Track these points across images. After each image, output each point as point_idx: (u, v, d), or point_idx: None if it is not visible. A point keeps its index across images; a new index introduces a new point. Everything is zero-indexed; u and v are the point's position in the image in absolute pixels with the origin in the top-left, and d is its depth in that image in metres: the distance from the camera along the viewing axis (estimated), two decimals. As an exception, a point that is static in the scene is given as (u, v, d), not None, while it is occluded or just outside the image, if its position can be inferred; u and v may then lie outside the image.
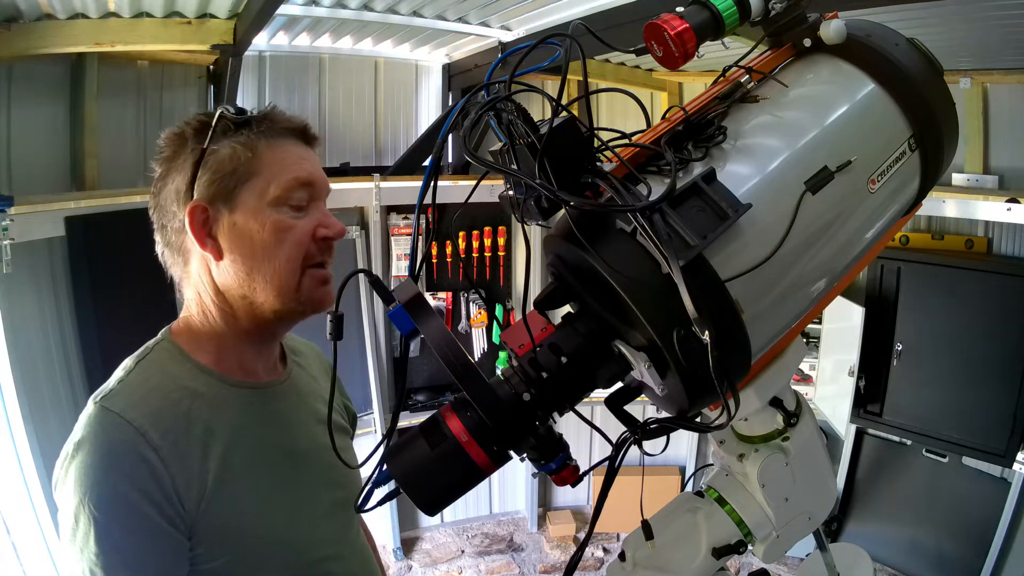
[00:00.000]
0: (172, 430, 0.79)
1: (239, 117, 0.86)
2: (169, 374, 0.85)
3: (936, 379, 3.05)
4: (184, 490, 0.77)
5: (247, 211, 0.85)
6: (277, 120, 0.90)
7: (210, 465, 0.80)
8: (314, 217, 0.89)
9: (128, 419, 0.76)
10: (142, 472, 0.75)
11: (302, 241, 0.87)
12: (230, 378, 0.89)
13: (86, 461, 0.74)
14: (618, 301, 0.64)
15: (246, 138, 0.86)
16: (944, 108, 0.78)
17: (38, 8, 2.29)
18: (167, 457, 0.76)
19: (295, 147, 0.90)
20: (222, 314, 0.89)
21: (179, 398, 0.82)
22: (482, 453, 0.67)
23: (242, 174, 0.85)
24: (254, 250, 0.85)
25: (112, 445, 0.75)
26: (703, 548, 0.83)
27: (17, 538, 2.31)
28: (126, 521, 0.74)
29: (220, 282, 0.88)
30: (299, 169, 0.88)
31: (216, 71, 3.08)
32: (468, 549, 3.91)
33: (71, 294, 2.50)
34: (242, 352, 0.91)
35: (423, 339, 0.64)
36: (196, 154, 0.85)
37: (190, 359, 0.88)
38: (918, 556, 3.20)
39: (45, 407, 2.37)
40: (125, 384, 0.83)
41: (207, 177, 0.85)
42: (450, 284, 3.74)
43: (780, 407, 0.83)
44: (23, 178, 2.50)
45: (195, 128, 0.87)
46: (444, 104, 3.90)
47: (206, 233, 0.86)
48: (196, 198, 0.85)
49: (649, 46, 0.73)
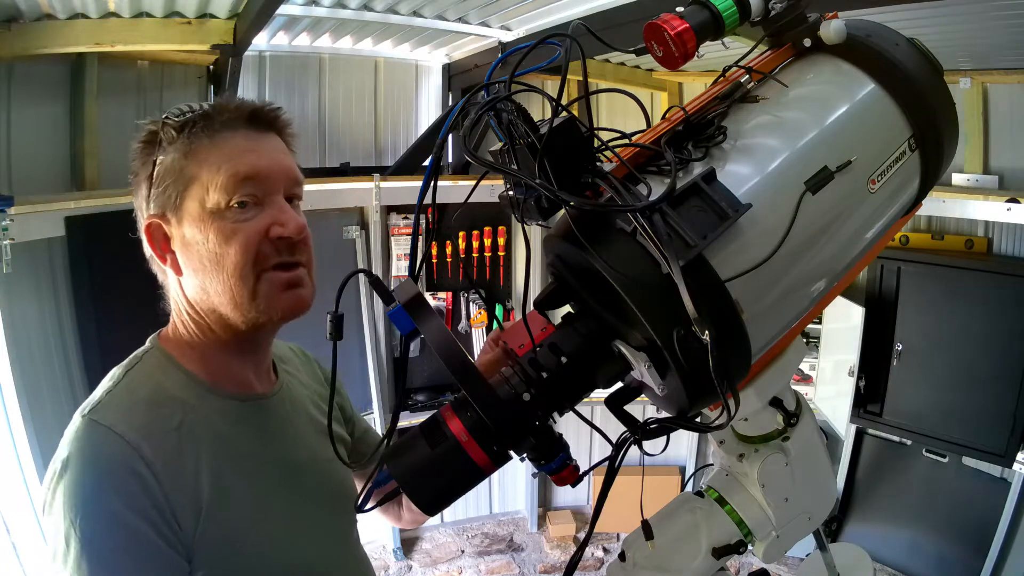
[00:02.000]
0: (164, 445, 0.74)
1: (178, 120, 0.80)
2: (159, 385, 0.80)
3: (936, 379, 3.05)
4: (180, 509, 0.72)
5: (191, 221, 0.79)
6: (219, 113, 0.81)
7: (203, 482, 0.75)
8: (267, 215, 0.81)
9: (119, 432, 0.72)
10: (135, 488, 0.70)
11: (249, 245, 0.79)
12: (221, 389, 0.84)
13: (75, 479, 0.69)
14: (618, 301, 0.63)
15: (186, 140, 0.80)
16: (944, 108, 0.78)
17: (38, 8, 2.29)
18: (160, 473, 0.71)
19: (239, 139, 0.81)
20: (198, 327, 0.85)
21: (171, 412, 0.78)
22: (482, 453, 0.67)
23: (183, 181, 0.79)
24: (203, 263, 0.80)
25: (103, 461, 0.70)
26: (703, 548, 0.83)
27: (17, 538, 2.31)
28: (120, 541, 0.69)
29: (188, 296, 0.83)
30: (238, 164, 0.79)
31: (216, 71, 3.08)
32: (468, 549, 3.91)
33: (71, 294, 2.50)
34: (229, 362, 0.86)
35: (423, 339, 0.64)
36: (148, 167, 0.82)
37: (180, 368, 0.83)
38: (918, 556, 3.20)
39: (45, 407, 2.37)
40: (114, 395, 0.78)
41: (155, 191, 0.81)
42: (450, 284, 3.74)
43: (780, 407, 0.83)
44: (23, 178, 2.50)
45: (145, 140, 0.83)
46: (444, 104, 3.90)
47: (166, 248, 0.82)
48: (151, 213, 0.82)
49: (649, 46, 0.73)
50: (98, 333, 2.51)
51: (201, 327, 0.84)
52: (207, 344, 0.85)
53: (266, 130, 0.85)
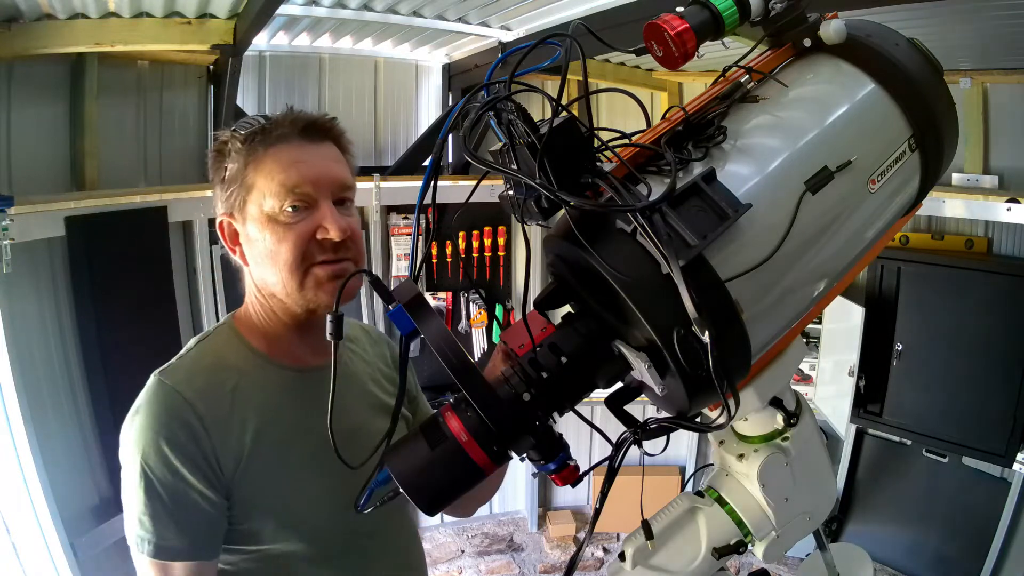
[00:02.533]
0: (217, 403, 0.89)
1: (243, 133, 0.92)
2: (222, 355, 0.96)
3: (936, 379, 3.05)
4: (223, 457, 0.88)
5: (252, 222, 0.93)
6: (276, 127, 0.93)
7: (246, 439, 0.90)
8: (315, 219, 0.91)
9: (179, 391, 0.88)
10: (185, 437, 0.85)
11: (298, 244, 0.91)
12: (277, 361, 0.98)
13: (141, 424, 0.86)
14: (618, 301, 0.63)
15: (248, 151, 0.92)
16: (944, 108, 0.78)
17: (38, 8, 2.29)
18: (210, 427, 0.87)
19: (293, 149, 0.92)
20: (263, 308, 0.98)
21: (227, 377, 0.93)
22: (482, 453, 0.67)
23: (245, 188, 0.92)
24: (261, 257, 0.93)
25: (163, 412, 0.86)
26: (703, 548, 0.83)
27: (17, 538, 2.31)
28: (170, 478, 0.85)
29: (255, 281, 0.97)
30: (288, 174, 0.90)
31: (216, 71, 3.08)
32: (468, 549, 3.91)
33: (71, 294, 2.50)
34: (287, 339, 0.99)
35: (423, 339, 0.64)
36: (221, 172, 0.95)
37: (244, 342, 0.98)
38: (918, 556, 3.20)
39: (45, 407, 2.37)
40: (183, 360, 0.94)
41: (224, 193, 0.95)
42: (450, 284, 3.74)
43: (780, 407, 0.83)
44: (23, 178, 2.50)
45: (217, 149, 0.96)
46: (444, 104, 3.90)
47: (234, 242, 0.97)
48: (223, 212, 0.96)
49: (649, 46, 0.73)
50: (98, 333, 2.51)
51: (266, 308, 0.98)
52: (270, 323, 0.98)
53: (321, 139, 0.96)
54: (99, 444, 2.53)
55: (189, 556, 0.86)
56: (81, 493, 2.48)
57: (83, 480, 2.50)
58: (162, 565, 0.86)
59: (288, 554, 0.92)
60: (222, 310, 3.05)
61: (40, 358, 2.40)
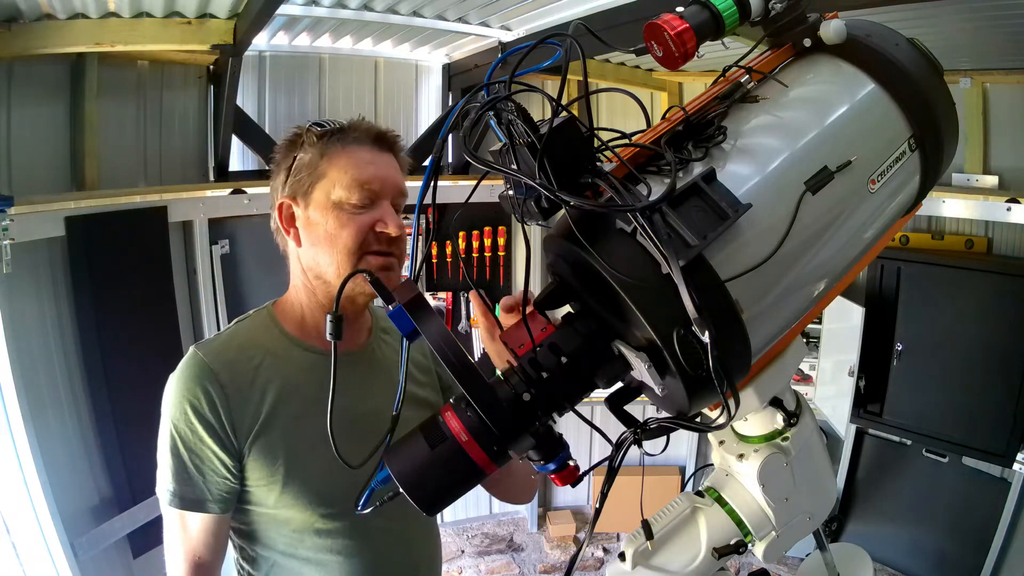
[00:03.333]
0: (241, 376, 1.00)
1: (321, 129, 1.04)
2: (254, 335, 1.07)
3: (936, 379, 3.05)
4: (239, 423, 0.98)
5: (317, 206, 1.02)
6: (353, 130, 1.05)
7: (263, 409, 1.00)
8: (375, 214, 1.02)
9: (207, 362, 0.99)
10: (207, 403, 0.97)
11: (360, 232, 1.01)
12: (306, 343, 1.07)
13: (174, 387, 0.98)
14: (618, 301, 0.63)
15: (323, 145, 1.03)
16: (944, 108, 0.78)
17: (38, 8, 2.29)
18: (230, 394, 0.98)
19: (365, 152, 1.04)
20: (306, 290, 1.08)
21: (254, 354, 1.04)
22: (482, 453, 0.66)
23: (316, 175, 1.02)
24: (321, 238, 1.02)
25: (191, 379, 0.98)
26: (703, 548, 0.82)
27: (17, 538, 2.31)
28: (191, 438, 0.97)
29: (303, 263, 1.06)
30: (362, 171, 1.02)
31: (216, 71, 3.08)
32: (468, 549, 3.91)
33: (71, 294, 2.50)
34: (322, 324, 1.04)
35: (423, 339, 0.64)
36: (288, 160, 1.05)
37: (277, 325, 1.08)
38: (918, 556, 3.20)
39: (45, 407, 2.37)
40: (219, 337, 1.07)
41: (292, 178, 1.04)
42: (450, 284, 3.74)
43: (780, 407, 0.83)
44: (23, 178, 2.50)
45: (289, 139, 1.07)
46: (444, 104, 3.90)
47: (290, 224, 1.06)
48: (284, 195, 1.05)
49: (649, 46, 0.72)
50: (98, 333, 2.51)
51: (308, 289, 1.07)
52: (307, 305, 1.08)
53: (386, 150, 1.08)
54: (99, 444, 2.53)
55: (203, 509, 0.99)
56: (81, 493, 2.48)
57: (83, 480, 2.50)
58: (179, 514, 0.99)
59: (295, 518, 1.01)
60: (222, 310, 3.05)
61: (40, 358, 2.40)
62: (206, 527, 1.00)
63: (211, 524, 1.00)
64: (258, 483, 1.00)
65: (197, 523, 0.99)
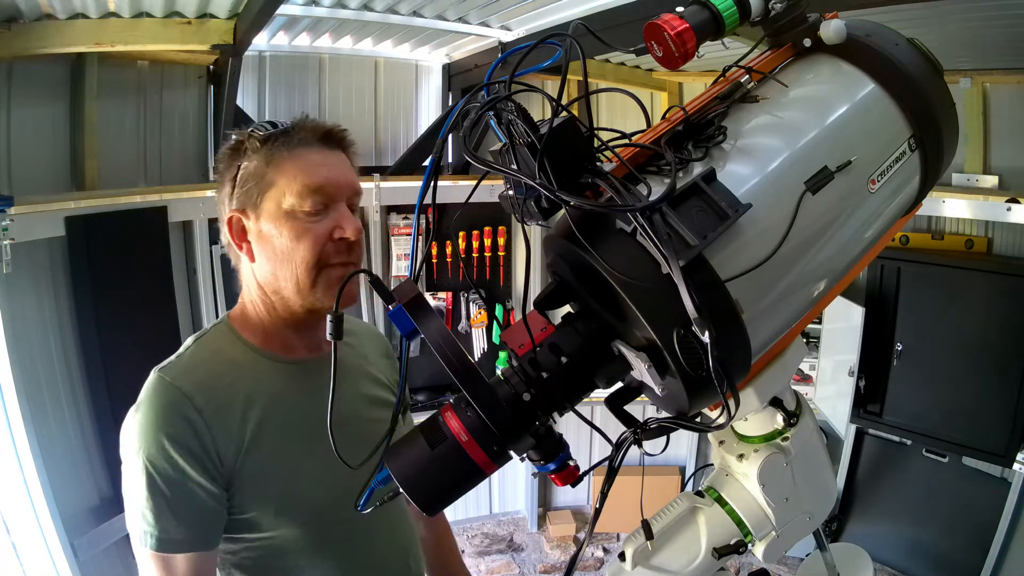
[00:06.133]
0: (216, 396, 0.92)
1: (264, 133, 0.97)
2: (220, 350, 0.99)
3: (936, 379, 3.05)
4: (223, 447, 0.90)
5: (269, 218, 0.96)
6: (298, 131, 0.98)
7: (248, 428, 0.93)
8: (332, 219, 0.96)
9: (178, 385, 0.90)
10: (184, 430, 0.88)
11: (317, 243, 0.95)
12: (272, 354, 1.01)
13: (142, 420, 0.89)
14: (618, 301, 0.63)
15: (268, 151, 0.96)
16: (944, 108, 0.78)
17: (38, 8, 2.29)
18: (209, 418, 0.90)
19: (315, 154, 0.98)
20: (264, 305, 1.01)
21: (225, 370, 0.96)
22: (482, 453, 0.66)
23: (264, 185, 0.96)
24: (275, 253, 0.96)
25: (162, 406, 0.89)
26: (703, 548, 0.82)
27: (17, 538, 2.31)
28: (171, 473, 0.87)
29: (259, 279, 1.00)
30: (313, 175, 0.95)
31: (216, 71, 3.08)
32: (468, 549, 3.91)
33: (71, 294, 2.50)
34: (283, 334, 1.02)
35: (423, 339, 0.64)
36: (233, 170, 0.98)
37: (240, 338, 1.01)
38: (918, 556, 3.20)
39: (45, 407, 2.37)
40: (181, 358, 0.97)
41: (239, 190, 0.97)
42: (450, 284, 3.74)
43: (780, 407, 0.83)
44: (23, 178, 2.50)
45: (232, 147, 0.99)
46: (444, 104, 3.90)
47: (241, 238, 0.99)
48: (232, 208, 0.98)
49: (649, 46, 0.72)
50: (98, 333, 2.51)
51: (266, 304, 1.01)
52: (267, 319, 1.02)
53: (335, 148, 1.01)
54: (99, 444, 2.53)
55: (191, 548, 0.89)
56: (81, 493, 2.48)
57: (83, 480, 2.50)
58: (164, 557, 0.89)
59: (288, 541, 0.95)
60: (222, 310, 3.05)
61: (40, 358, 2.40)
62: (193, 567, 0.90)
63: (198, 563, 0.90)
64: (248, 508, 0.93)
65: (183, 565, 0.89)
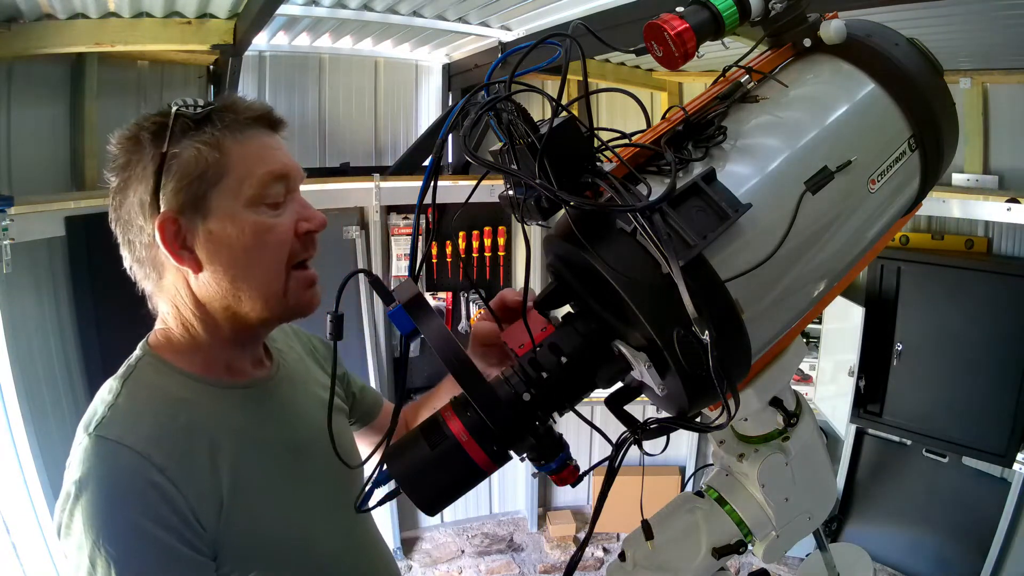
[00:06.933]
0: (175, 447, 0.75)
1: (198, 113, 0.78)
2: (158, 388, 0.81)
3: (936, 379, 3.05)
4: (200, 508, 0.73)
5: (222, 216, 0.79)
6: (240, 110, 0.82)
7: (222, 477, 0.77)
8: (293, 212, 0.84)
9: (128, 445, 0.72)
10: (153, 499, 0.70)
11: (285, 240, 0.82)
12: (220, 381, 0.85)
13: (93, 499, 0.69)
14: (618, 301, 0.63)
15: (210, 135, 0.78)
16: (944, 108, 0.78)
17: (38, 8, 2.29)
18: (176, 477, 0.72)
19: (264, 137, 0.84)
20: (204, 325, 0.84)
21: (175, 412, 0.78)
22: (482, 453, 0.66)
23: (211, 177, 0.78)
24: (236, 257, 0.80)
25: (117, 476, 0.71)
26: (703, 548, 0.82)
27: (17, 538, 2.31)
28: (145, 555, 0.70)
29: (200, 294, 0.83)
30: (272, 162, 0.82)
31: (216, 71, 3.09)
32: (468, 549, 3.91)
33: (71, 294, 2.50)
34: (225, 356, 0.87)
35: (423, 339, 0.64)
36: (156, 160, 0.78)
37: (175, 369, 0.83)
38: (918, 556, 3.20)
39: (45, 407, 2.37)
40: (116, 408, 0.76)
41: (172, 185, 0.77)
42: (450, 284, 3.74)
43: (780, 407, 0.83)
44: (23, 178, 2.51)
45: (151, 131, 0.79)
46: (444, 104, 3.90)
47: (180, 246, 0.79)
48: (164, 209, 0.78)
49: (649, 46, 0.72)
50: (98, 333, 2.51)
51: (206, 325, 0.85)
52: (207, 342, 0.85)
53: (276, 130, 0.87)
54: (99, 444, 2.53)
55: None
56: (81, 493, 2.48)
57: (83, 480, 2.50)
58: None
59: None
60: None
61: (40, 358, 2.41)
62: None
63: None
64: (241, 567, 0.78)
65: None
